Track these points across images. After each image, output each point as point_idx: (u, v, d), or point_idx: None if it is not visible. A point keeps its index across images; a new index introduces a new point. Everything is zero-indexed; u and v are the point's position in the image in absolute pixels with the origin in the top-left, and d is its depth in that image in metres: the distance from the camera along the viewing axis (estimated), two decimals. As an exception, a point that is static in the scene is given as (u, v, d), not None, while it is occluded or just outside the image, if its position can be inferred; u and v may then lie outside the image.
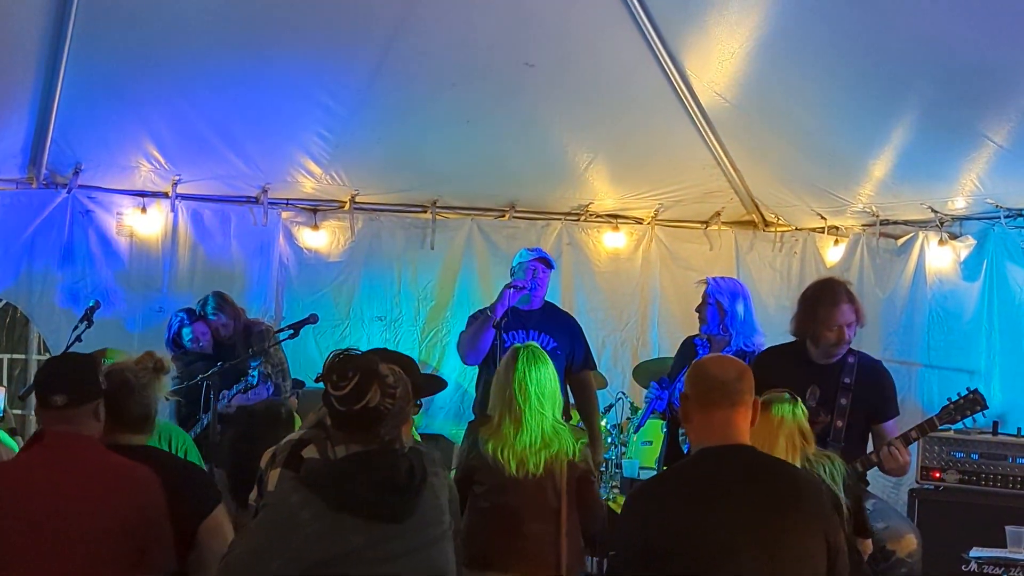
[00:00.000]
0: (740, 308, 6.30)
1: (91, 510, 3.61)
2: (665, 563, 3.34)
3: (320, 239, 8.66)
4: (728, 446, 3.49)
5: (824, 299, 5.58)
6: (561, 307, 7.36)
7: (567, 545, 4.88)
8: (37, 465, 3.70)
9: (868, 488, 5.59)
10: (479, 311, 6.94)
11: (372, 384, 3.37)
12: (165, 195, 8.17)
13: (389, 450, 3.44)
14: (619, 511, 6.29)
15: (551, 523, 4.87)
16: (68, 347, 6.71)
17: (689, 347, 6.48)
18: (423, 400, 5.03)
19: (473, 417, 6.96)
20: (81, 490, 3.64)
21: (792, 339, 5.77)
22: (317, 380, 3.52)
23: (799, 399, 4.58)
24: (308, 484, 3.39)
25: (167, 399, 4.44)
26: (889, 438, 5.40)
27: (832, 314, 5.51)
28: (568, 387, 6.81)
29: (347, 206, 8.61)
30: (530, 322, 6.68)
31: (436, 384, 4.42)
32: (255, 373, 7.11)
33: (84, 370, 3.89)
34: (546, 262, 6.78)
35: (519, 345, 5.03)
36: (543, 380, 4.88)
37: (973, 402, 5.29)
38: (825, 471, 4.50)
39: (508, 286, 6.60)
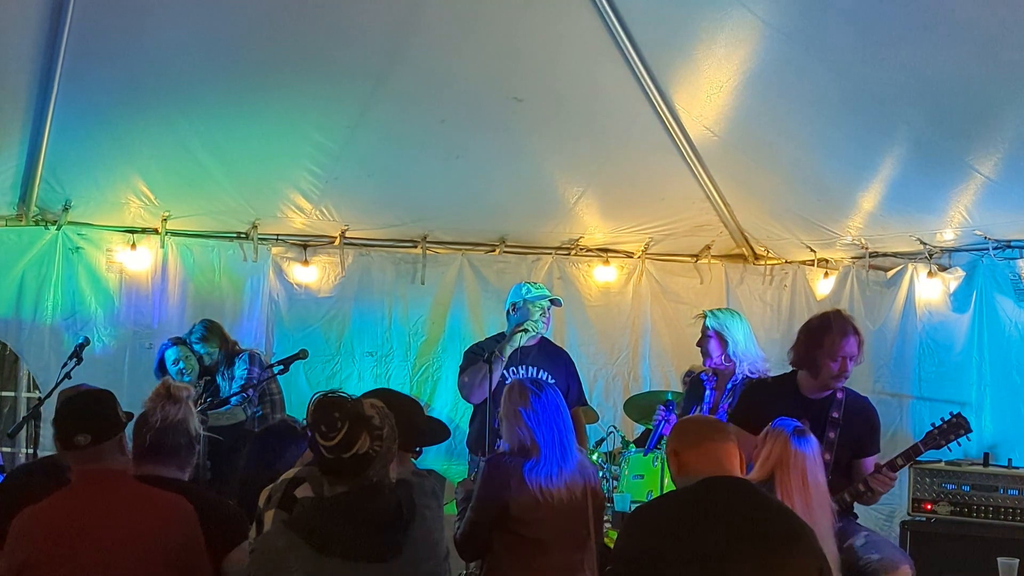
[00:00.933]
0: (740, 337, 6.30)
1: (132, 543, 3.65)
2: None
3: (310, 274, 8.65)
4: (729, 477, 3.51)
5: (831, 328, 5.54)
6: (552, 341, 7.35)
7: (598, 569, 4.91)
8: (71, 504, 3.73)
9: (858, 520, 5.58)
10: (476, 347, 6.90)
11: (362, 432, 3.37)
12: (155, 231, 8.18)
13: (376, 488, 3.42)
14: (610, 545, 6.28)
15: (580, 551, 4.87)
16: (57, 384, 6.68)
17: (696, 384, 6.48)
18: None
19: (467, 453, 6.93)
20: (119, 524, 3.68)
21: (781, 373, 5.78)
22: (304, 428, 3.49)
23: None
24: (293, 528, 3.38)
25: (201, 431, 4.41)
26: (865, 474, 5.39)
27: (838, 344, 5.47)
28: None
29: (337, 241, 8.61)
30: (527, 358, 6.66)
31: (439, 433, 4.36)
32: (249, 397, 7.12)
33: (102, 406, 3.94)
34: (557, 302, 6.79)
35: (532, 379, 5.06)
36: (567, 411, 4.94)
37: (957, 426, 5.28)
38: None
39: (520, 328, 6.57)
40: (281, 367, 6.86)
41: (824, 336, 5.51)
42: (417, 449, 4.09)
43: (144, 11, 6.28)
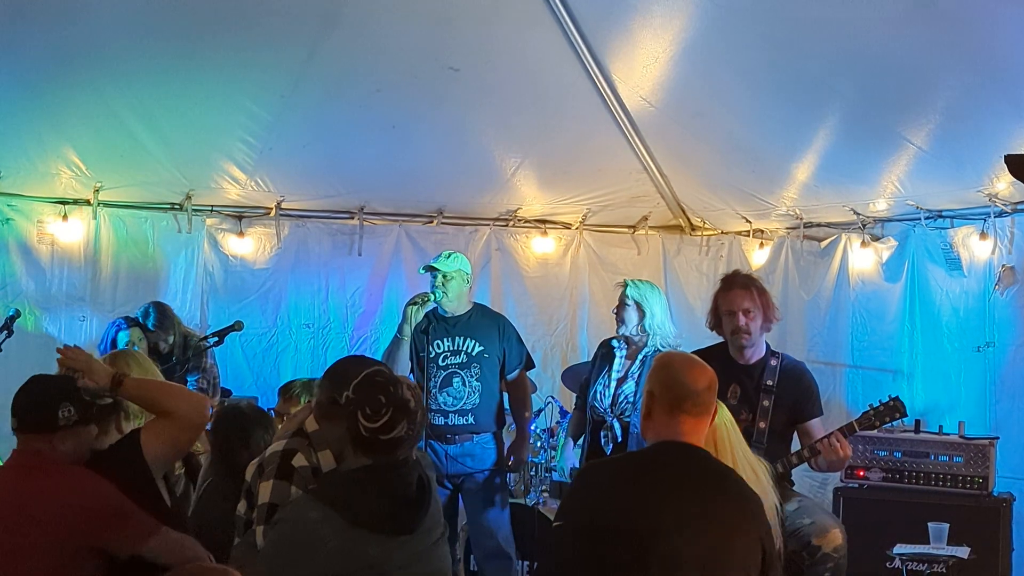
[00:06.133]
0: (658, 310, 6.32)
1: (26, 524, 3.68)
2: (607, 538, 3.38)
3: (246, 246, 8.56)
4: (685, 443, 3.53)
5: (722, 286, 5.74)
6: (490, 308, 7.32)
7: None
8: None
9: (793, 487, 5.64)
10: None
11: (403, 420, 3.52)
12: (87, 202, 8.04)
13: (402, 464, 3.58)
14: (551, 515, 6.32)
15: None
16: (-10, 357, 6.60)
17: (607, 349, 6.46)
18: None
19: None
20: (17, 504, 3.73)
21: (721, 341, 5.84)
22: (346, 403, 3.58)
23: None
24: (327, 501, 3.49)
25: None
26: (815, 436, 5.44)
27: (724, 299, 5.65)
28: (505, 390, 6.81)
29: (273, 212, 8.52)
30: (456, 328, 6.64)
31: None
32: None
33: (39, 397, 3.90)
34: (431, 268, 6.64)
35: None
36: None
37: (893, 409, 5.35)
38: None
39: (409, 303, 6.58)
40: (216, 339, 6.80)
41: (717, 294, 5.73)
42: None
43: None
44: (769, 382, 5.55)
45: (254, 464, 3.96)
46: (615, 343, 6.38)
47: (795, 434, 5.67)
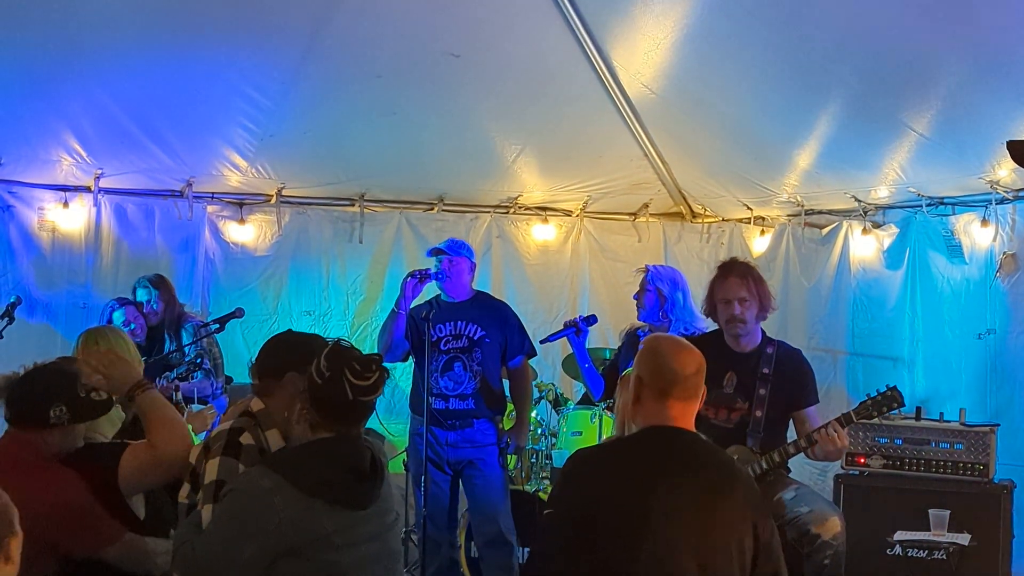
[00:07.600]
0: (679, 296, 6.35)
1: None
2: (598, 525, 3.39)
3: (247, 233, 8.57)
4: (674, 427, 3.53)
5: (717, 274, 5.74)
6: (491, 295, 7.33)
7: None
8: None
9: (790, 475, 5.65)
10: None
11: (383, 384, 3.53)
12: (88, 189, 8.03)
13: (356, 439, 3.57)
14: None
15: None
16: (-11, 343, 6.60)
17: (633, 339, 6.50)
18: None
19: (408, 411, 6.91)
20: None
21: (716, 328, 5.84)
22: (319, 372, 3.54)
23: None
24: (280, 470, 3.44)
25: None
26: (811, 424, 5.44)
27: (719, 287, 5.65)
28: (506, 377, 6.85)
29: (273, 199, 8.52)
30: (458, 313, 6.65)
31: None
32: (202, 363, 7.03)
33: (34, 393, 3.89)
34: (437, 251, 6.68)
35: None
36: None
37: (891, 399, 5.35)
38: None
39: (407, 276, 6.60)
40: (217, 325, 6.80)
41: (712, 283, 5.73)
42: None
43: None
44: (765, 370, 5.54)
45: (198, 447, 3.90)
46: (640, 332, 6.43)
47: (791, 422, 5.68)
